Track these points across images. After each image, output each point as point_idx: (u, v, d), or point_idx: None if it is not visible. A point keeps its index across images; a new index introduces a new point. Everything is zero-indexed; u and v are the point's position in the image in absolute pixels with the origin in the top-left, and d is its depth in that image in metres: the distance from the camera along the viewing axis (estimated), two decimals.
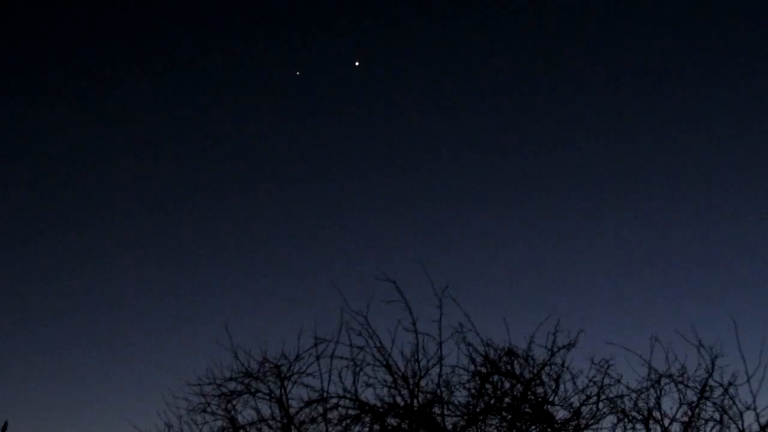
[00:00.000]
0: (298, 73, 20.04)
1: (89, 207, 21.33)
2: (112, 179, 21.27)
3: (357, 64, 19.63)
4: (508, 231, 19.82)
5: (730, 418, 8.87)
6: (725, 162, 19.22)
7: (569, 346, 9.17)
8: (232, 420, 9.43)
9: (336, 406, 9.23)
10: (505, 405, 9.17)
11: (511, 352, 9.20)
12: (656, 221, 19.33)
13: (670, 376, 9.03)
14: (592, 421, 9.11)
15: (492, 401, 9.18)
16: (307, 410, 9.28)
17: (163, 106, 21.31)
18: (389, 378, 9.21)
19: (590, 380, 9.11)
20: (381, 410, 9.13)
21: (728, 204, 18.93)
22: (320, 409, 9.25)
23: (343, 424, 9.17)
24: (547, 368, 9.18)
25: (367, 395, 9.25)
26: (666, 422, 8.97)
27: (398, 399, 9.18)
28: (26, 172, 21.38)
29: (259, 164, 21.00)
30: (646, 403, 9.05)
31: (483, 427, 9.13)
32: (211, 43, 20.77)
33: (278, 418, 9.35)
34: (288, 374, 9.37)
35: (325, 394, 9.26)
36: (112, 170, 21.22)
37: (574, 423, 9.07)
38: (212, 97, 21.14)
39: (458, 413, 9.21)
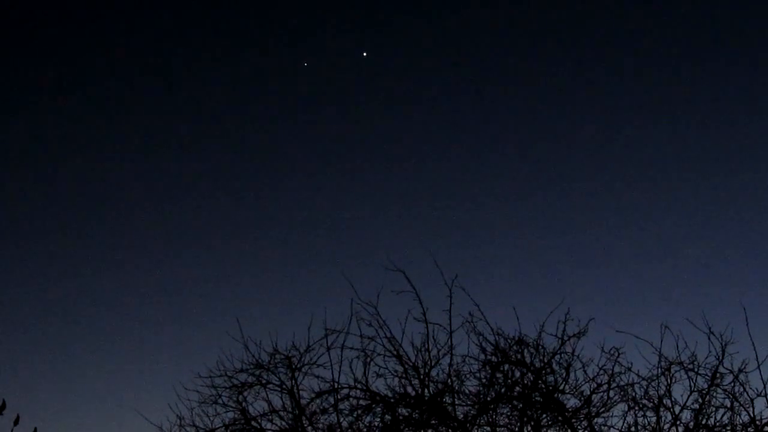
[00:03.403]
0: (305, 64, 20.03)
1: (102, 202, 21.40)
2: (127, 173, 21.34)
3: (365, 54, 19.61)
4: (518, 220, 19.82)
5: (741, 404, 8.87)
6: (734, 150, 19.18)
7: (579, 334, 9.18)
8: (244, 411, 9.45)
9: (347, 396, 9.25)
10: (515, 394, 9.17)
11: (521, 341, 9.20)
12: (666, 209, 19.30)
13: (681, 363, 9.03)
14: (602, 409, 9.12)
15: (503, 390, 9.19)
16: (318, 401, 9.32)
17: (169, 99, 21.33)
18: (400, 368, 9.24)
19: (601, 368, 9.13)
20: (392, 400, 9.15)
21: (737, 191, 18.89)
22: (331, 400, 9.28)
23: (354, 414, 9.20)
24: (557, 357, 9.19)
25: (378, 385, 9.28)
26: (677, 410, 8.98)
27: (409, 389, 9.20)
28: (47, 172, 21.45)
29: (267, 156, 21.04)
30: (657, 391, 9.06)
31: (494, 416, 9.14)
32: (218, 34, 20.77)
33: (289, 409, 9.38)
34: (299, 365, 9.40)
35: (336, 385, 9.28)
36: (126, 164, 21.28)
37: (584, 411, 9.08)
38: (219, 89, 21.15)
39: (469, 402, 9.23)
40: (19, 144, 21.56)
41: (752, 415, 8.80)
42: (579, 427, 9.07)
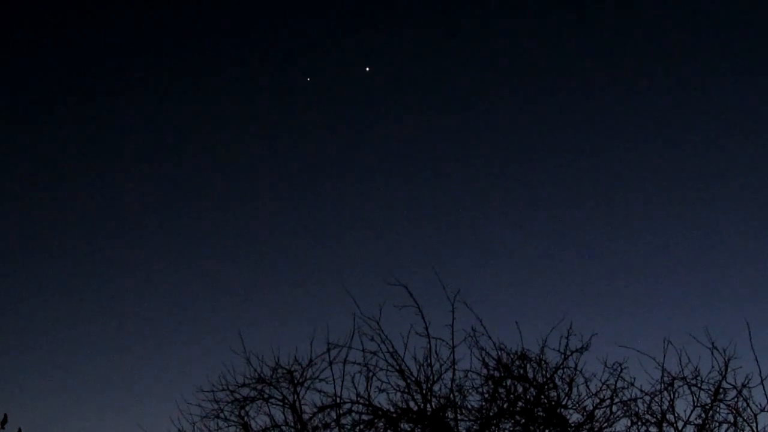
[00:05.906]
0: (308, 79, 20.09)
1: (106, 213, 21.44)
2: (131, 186, 21.38)
3: (367, 69, 19.66)
4: (521, 235, 19.82)
5: (744, 420, 8.86)
6: (737, 165, 19.19)
7: (582, 349, 9.18)
8: (246, 426, 9.44)
9: (349, 411, 9.24)
10: (518, 409, 9.16)
11: (524, 356, 9.20)
12: (669, 225, 19.31)
13: (684, 378, 9.02)
14: (605, 424, 9.10)
15: (505, 405, 9.17)
16: (320, 416, 9.31)
17: (175, 112, 21.39)
18: (402, 383, 9.24)
19: (603, 383, 9.12)
20: (394, 415, 9.14)
21: (740, 207, 18.89)
22: (333, 415, 9.27)
23: (357, 429, 9.18)
24: (560, 372, 9.18)
25: (381, 400, 9.28)
26: (680, 425, 8.96)
27: (411, 404, 9.19)
28: (67, 181, 21.48)
29: (270, 170, 21.08)
30: (660, 406, 9.05)
31: (496, 431, 9.12)
32: (222, 49, 20.85)
33: (291, 424, 9.36)
34: (301, 380, 9.39)
35: (338, 400, 9.27)
36: (129, 176, 21.33)
37: (587, 426, 9.06)
38: (223, 103, 21.22)
39: (471, 418, 9.21)
40: (23, 147, 21.63)
41: (756, 430, 8.79)
42: None
